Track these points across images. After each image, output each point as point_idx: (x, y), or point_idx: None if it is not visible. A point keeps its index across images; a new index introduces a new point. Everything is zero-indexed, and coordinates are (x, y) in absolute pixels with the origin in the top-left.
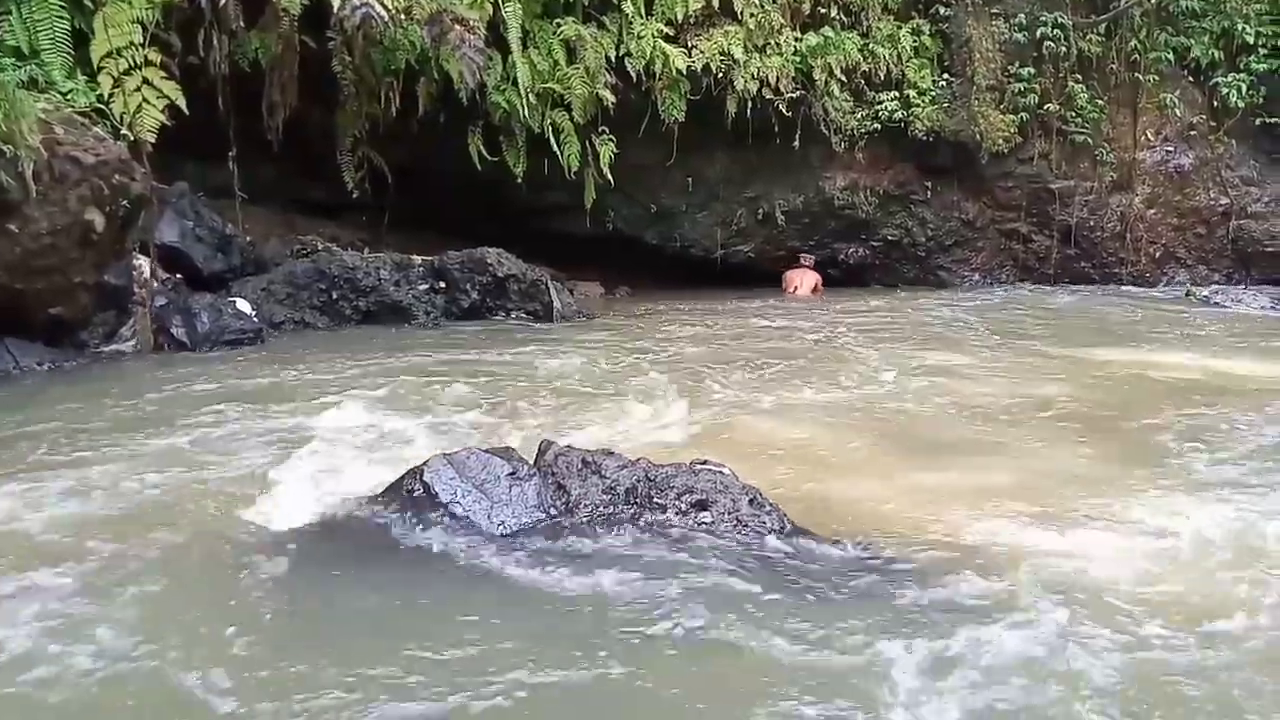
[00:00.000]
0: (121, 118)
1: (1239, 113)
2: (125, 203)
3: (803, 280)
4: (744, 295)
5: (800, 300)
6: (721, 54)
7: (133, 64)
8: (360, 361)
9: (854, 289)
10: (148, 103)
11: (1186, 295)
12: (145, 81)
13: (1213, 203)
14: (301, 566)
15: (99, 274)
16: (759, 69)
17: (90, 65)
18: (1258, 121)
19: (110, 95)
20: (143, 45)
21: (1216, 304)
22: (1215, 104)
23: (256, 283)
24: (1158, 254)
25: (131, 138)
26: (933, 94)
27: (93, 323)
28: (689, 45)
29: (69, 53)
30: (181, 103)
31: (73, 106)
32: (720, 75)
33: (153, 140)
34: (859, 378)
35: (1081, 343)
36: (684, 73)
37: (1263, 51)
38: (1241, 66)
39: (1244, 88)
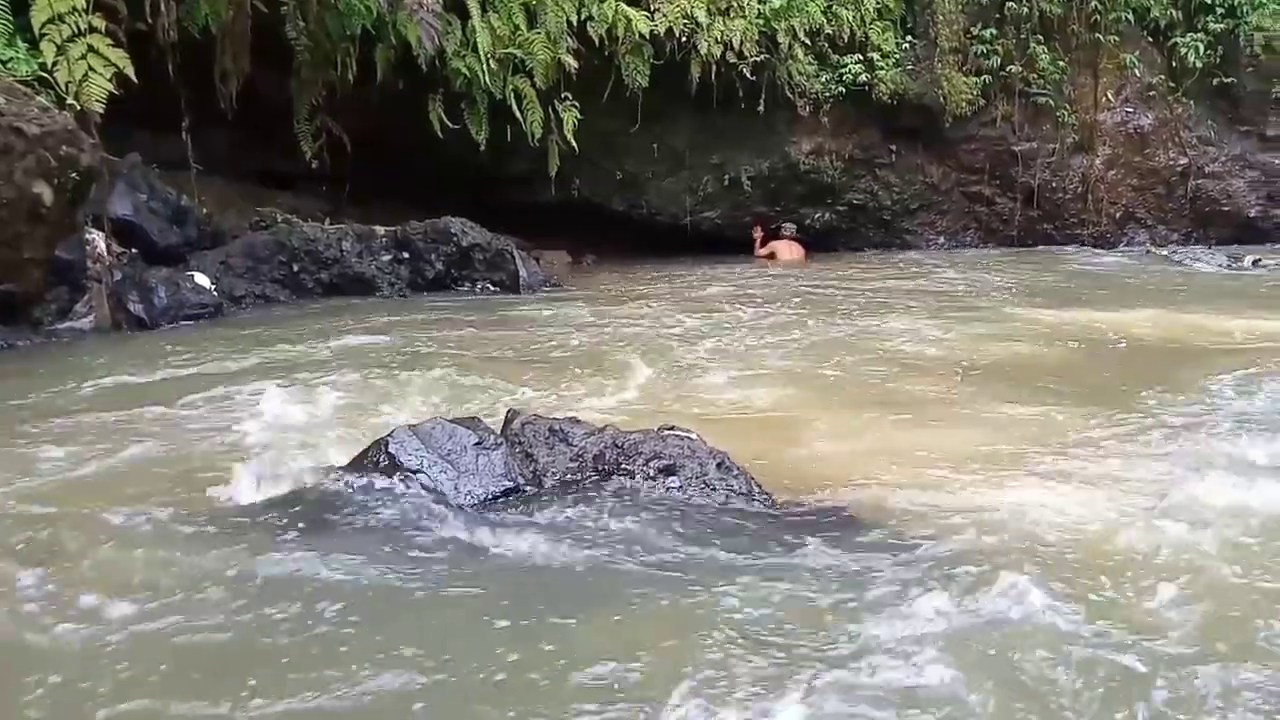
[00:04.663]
0: (67, 87)
1: (1197, 73)
2: (74, 175)
3: (791, 250)
4: (712, 262)
5: (777, 266)
6: (684, 17)
7: (76, 31)
8: (323, 334)
9: (820, 254)
10: (94, 71)
11: (1147, 254)
12: (90, 49)
13: (1171, 163)
14: (264, 540)
15: (50, 249)
16: (722, 32)
17: (31, 32)
18: (1215, 81)
19: (54, 64)
20: (86, 11)
21: (1176, 262)
22: (1174, 64)
23: (215, 256)
24: (1118, 214)
25: (78, 108)
26: (896, 57)
27: (45, 300)
28: (651, 9)
29: (8, 19)
30: (130, 71)
31: (14, 75)
32: (683, 39)
33: (101, 110)
34: (825, 343)
35: (1047, 303)
36: (646, 37)
37: (1220, 11)
38: (1199, 26)
39: (1201, 47)
